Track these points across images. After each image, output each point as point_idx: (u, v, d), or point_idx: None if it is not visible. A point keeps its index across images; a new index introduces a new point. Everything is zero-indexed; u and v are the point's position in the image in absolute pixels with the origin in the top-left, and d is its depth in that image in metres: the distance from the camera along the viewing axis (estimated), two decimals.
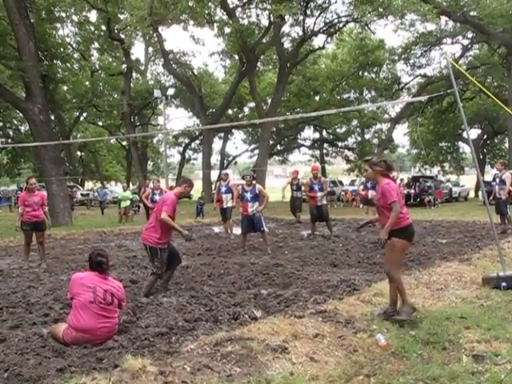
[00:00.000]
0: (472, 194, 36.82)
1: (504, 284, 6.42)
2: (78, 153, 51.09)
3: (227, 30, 28.72)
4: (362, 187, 16.07)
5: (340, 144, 47.68)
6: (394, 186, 5.37)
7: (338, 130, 46.70)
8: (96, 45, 33.50)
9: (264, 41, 30.39)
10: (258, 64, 34.23)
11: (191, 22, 26.54)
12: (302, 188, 15.24)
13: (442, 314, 5.36)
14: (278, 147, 47.47)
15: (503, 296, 6.14)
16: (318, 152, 50.39)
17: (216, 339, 4.23)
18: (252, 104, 39.78)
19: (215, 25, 28.87)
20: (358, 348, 4.43)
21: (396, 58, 35.81)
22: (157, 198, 12.92)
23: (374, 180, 5.70)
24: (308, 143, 49.73)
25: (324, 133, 47.52)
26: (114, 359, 4.07)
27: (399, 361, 4.17)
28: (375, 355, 4.28)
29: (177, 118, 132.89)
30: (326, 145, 49.23)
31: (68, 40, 31.48)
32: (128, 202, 21.89)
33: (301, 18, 28.82)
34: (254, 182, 11.09)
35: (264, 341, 4.28)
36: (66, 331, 4.72)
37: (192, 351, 4.05)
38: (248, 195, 10.79)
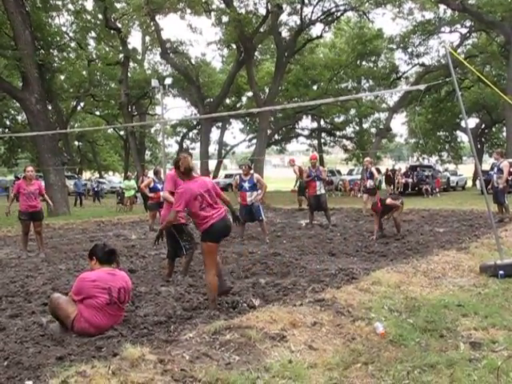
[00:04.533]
0: (470, 183, 36.87)
1: (501, 272, 6.44)
2: (76, 143, 50.96)
3: (225, 19, 28.56)
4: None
5: (338, 133, 47.63)
6: (183, 192, 5.30)
7: (336, 120, 46.61)
8: (93, 34, 33.25)
9: (262, 30, 30.22)
10: (256, 53, 34.06)
11: (188, 11, 26.41)
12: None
13: (440, 302, 5.38)
14: (276, 137, 47.37)
15: (500, 284, 6.16)
16: (315, 141, 50.32)
17: (215, 328, 4.23)
18: (250, 93, 39.63)
19: (212, 14, 28.72)
20: (356, 336, 4.44)
21: (394, 46, 35.69)
22: (159, 186, 12.77)
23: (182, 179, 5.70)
24: (306, 133, 49.67)
25: (322, 122, 47.42)
26: (114, 348, 4.08)
27: (397, 348, 4.19)
28: (373, 343, 4.30)
29: (174, 108, 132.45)
30: (323, 134, 49.16)
31: (64, 29, 31.27)
32: (132, 192, 21.68)
33: (298, 6, 28.69)
34: (251, 171, 11.09)
35: (262, 329, 4.29)
36: (78, 318, 4.63)
37: (191, 340, 4.06)
38: (246, 185, 10.79)
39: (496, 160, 13.26)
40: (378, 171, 16.16)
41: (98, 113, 46.56)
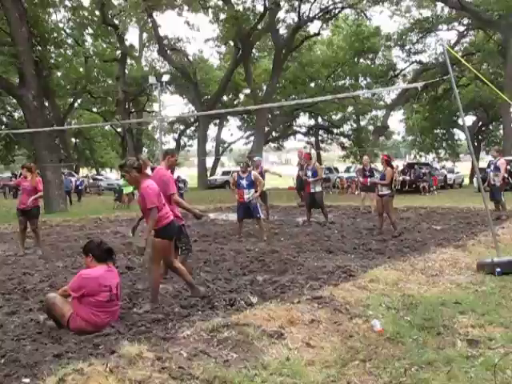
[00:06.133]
0: (467, 181, 36.90)
1: (498, 269, 6.44)
2: (73, 139, 50.86)
3: (222, 16, 28.55)
4: (361, 176, 15.96)
5: (335, 131, 47.69)
6: (153, 189, 5.28)
7: (334, 117, 46.70)
8: (90, 30, 33.20)
9: (259, 27, 30.21)
10: (254, 50, 34.11)
11: (186, 8, 26.41)
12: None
13: (437, 300, 5.39)
14: (274, 134, 47.41)
15: (497, 281, 6.17)
16: (313, 139, 50.35)
17: (212, 325, 4.23)
18: (247, 90, 39.68)
19: (210, 10, 28.70)
20: (354, 333, 4.44)
21: (392, 44, 35.72)
22: None
23: (136, 184, 5.41)
24: (303, 130, 49.72)
25: (319, 119, 47.47)
26: (111, 345, 4.07)
27: (394, 346, 4.20)
28: (371, 340, 4.30)
29: (172, 105, 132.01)
30: (321, 131, 49.21)
31: (61, 25, 31.18)
32: (130, 189, 21.53)
33: (296, 3, 28.71)
34: (249, 169, 11.09)
35: (260, 327, 4.29)
36: (73, 318, 4.62)
37: (188, 337, 4.05)
38: (244, 182, 10.77)
39: (494, 157, 13.28)
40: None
41: (95, 110, 46.51)
